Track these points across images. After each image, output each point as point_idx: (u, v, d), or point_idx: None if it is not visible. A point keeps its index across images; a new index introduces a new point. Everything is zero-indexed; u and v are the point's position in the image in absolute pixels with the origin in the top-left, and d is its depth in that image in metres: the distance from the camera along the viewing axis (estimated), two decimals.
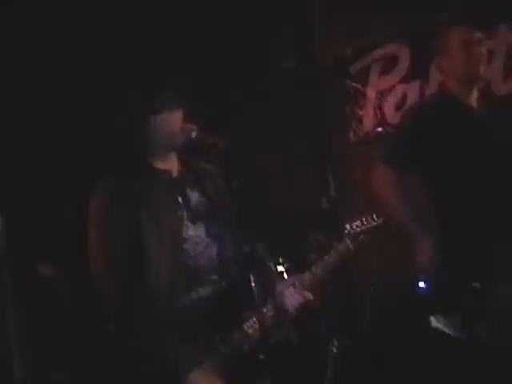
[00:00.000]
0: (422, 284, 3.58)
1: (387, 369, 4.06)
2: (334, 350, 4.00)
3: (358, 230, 3.11)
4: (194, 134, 2.76)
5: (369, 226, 3.13)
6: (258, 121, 5.15)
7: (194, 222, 2.79)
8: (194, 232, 2.78)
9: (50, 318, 4.65)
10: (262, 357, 2.62)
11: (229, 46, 5.27)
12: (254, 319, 2.69)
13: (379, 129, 5.05)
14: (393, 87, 5.01)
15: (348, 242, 3.06)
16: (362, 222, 3.13)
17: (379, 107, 5.06)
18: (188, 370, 2.58)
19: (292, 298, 2.82)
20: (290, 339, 2.80)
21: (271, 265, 2.97)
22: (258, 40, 5.28)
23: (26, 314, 4.54)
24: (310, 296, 2.88)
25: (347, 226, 3.11)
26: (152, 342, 2.61)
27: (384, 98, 5.04)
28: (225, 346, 2.68)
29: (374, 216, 3.15)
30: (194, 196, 2.85)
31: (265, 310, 2.72)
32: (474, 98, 3.51)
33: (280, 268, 3.87)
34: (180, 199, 2.80)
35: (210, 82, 5.10)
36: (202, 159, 2.91)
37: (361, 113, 5.16)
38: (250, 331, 2.71)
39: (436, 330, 3.29)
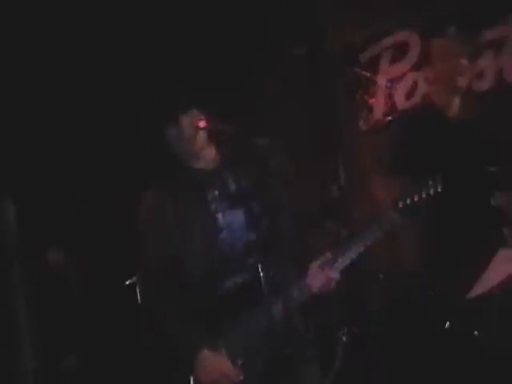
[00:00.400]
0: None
1: (395, 359, 4.05)
2: (344, 338, 4.00)
3: (411, 201, 2.92)
4: (202, 124, 2.78)
5: (423, 195, 2.94)
6: (268, 109, 5.14)
7: (232, 209, 2.82)
8: (230, 219, 2.80)
9: (61, 307, 4.66)
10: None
11: (240, 35, 5.25)
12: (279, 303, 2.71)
13: (389, 117, 5.03)
14: (403, 75, 4.97)
15: (394, 216, 2.90)
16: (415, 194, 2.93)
17: (389, 95, 5.03)
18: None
19: (317, 278, 2.78)
20: (297, 327, 2.80)
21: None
22: (269, 28, 5.26)
23: (36, 303, 4.56)
24: (336, 276, 2.81)
25: (400, 202, 2.92)
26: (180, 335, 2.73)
27: (394, 86, 5.01)
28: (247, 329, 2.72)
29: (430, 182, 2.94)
30: (233, 183, 2.87)
31: (291, 294, 2.72)
32: (456, 109, 3.54)
33: None
34: (216, 192, 2.83)
35: (222, 71, 5.09)
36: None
37: (371, 101, 5.13)
38: (275, 315, 2.72)
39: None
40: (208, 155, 2.90)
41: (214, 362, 2.69)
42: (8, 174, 4.48)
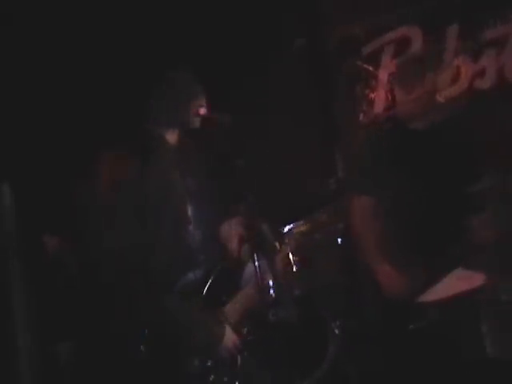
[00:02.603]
0: None
1: (389, 351, 4.07)
2: (336, 330, 4.01)
3: (293, 231, 3.12)
4: (202, 111, 2.80)
5: (296, 229, 3.15)
6: (267, 100, 5.15)
7: (193, 200, 2.81)
8: (189, 211, 2.80)
9: (59, 295, 4.67)
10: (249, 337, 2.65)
11: (238, 27, 5.24)
12: (237, 298, 2.71)
13: (390, 112, 5.03)
14: None
15: (277, 243, 3.07)
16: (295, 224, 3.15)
17: (391, 90, 5.04)
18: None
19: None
20: (289, 317, 2.81)
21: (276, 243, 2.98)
22: (267, 19, 5.26)
23: (34, 291, 4.57)
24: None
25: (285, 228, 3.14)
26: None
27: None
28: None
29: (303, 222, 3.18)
30: (187, 175, 2.87)
31: (246, 290, 2.73)
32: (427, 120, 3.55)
33: None
34: (180, 172, 2.82)
35: (221, 63, 5.09)
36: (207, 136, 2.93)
37: (372, 95, 5.14)
38: (233, 310, 2.72)
39: None
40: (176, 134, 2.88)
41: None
42: (5, 160, 4.48)
